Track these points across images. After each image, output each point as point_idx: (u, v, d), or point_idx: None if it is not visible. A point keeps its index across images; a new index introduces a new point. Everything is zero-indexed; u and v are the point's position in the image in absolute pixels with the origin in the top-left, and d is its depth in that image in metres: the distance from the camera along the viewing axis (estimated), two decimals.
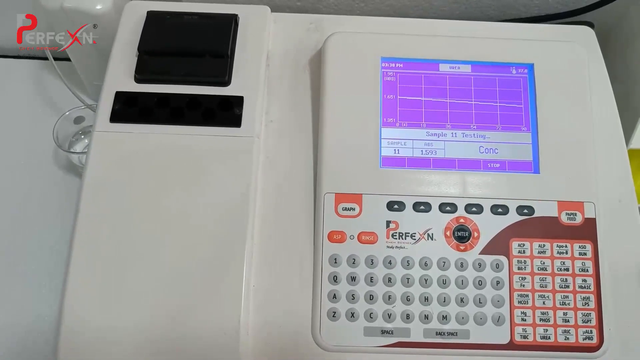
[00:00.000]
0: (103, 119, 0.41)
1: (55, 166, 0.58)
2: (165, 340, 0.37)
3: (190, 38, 0.44)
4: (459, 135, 0.42)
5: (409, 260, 0.40)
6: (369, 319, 0.39)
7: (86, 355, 0.36)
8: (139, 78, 0.43)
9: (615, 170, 0.43)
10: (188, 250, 0.38)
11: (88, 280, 0.37)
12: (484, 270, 0.40)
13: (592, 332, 0.39)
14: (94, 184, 0.40)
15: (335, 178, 0.41)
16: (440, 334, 0.39)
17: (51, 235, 0.54)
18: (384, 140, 0.42)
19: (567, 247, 0.40)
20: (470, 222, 0.40)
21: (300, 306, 0.39)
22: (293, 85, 0.46)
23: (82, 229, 0.38)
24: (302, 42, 0.47)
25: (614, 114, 0.45)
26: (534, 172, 0.42)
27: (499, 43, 0.45)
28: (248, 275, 0.38)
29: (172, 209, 0.39)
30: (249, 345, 0.38)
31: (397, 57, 0.44)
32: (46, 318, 0.51)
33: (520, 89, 0.43)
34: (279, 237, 0.41)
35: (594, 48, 0.47)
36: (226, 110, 0.42)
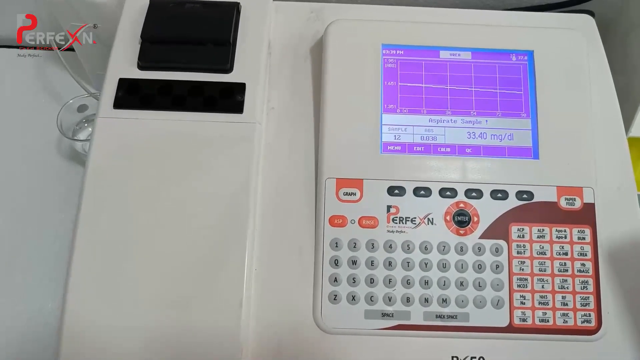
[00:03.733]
0: (106, 106, 0.42)
1: (59, 155, 0.58)
2: (167, 325, 0.37)
3: (193, 26, 0.44)
4: (459, 121, 0.43)
5: (409, 245, 0.40)
6: (370, 302, 0.39)
7: (90, 343, 0.37)
8: (141, 65, 0.43)
9: (615, 157, 0.44)
10: (191, 235, 0.38)
11: (91, 269, 0.38)
12: (484, 255, 0.40)
13: (590, 316, 0.39)
14: (98, 169, 0.40)
15: (336, 163, 0.41)
16: (440, 316, 0.39)
17: (54, 223, 0.54)
18: (385, 126, 0.42)
19: (566, 231, 0.41)
20: (470, 207, 0.41)
21: (302, 289, 0.40)
22: (294, 73, 0.46)
23: (86, 215, 0.39)
24: (303, 31, 0.47)
25: (614, 102, 0.45)
26: (533, 157, 0.42)
27: (499, 30, 0.45)
28: (250, 259, 0.38)
29: (175, 194, 0.39)
30: (251, 329, 0.38)
31: (398, 44, 0.44)
32: (49, 308, 0.51)
33: (520, 76, 0.44)
34: (281, 222, 0.41)
35: (594, 36, 0.47)
36: (228, 97, 0.42)
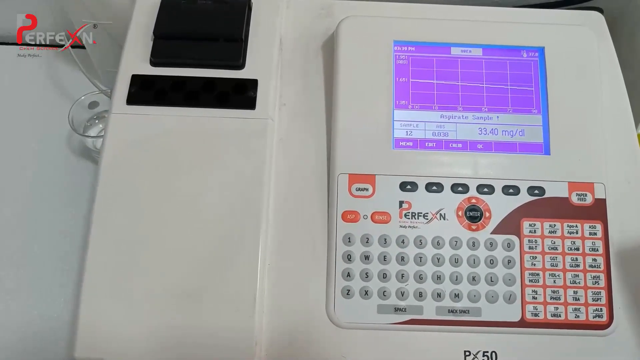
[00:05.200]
0: (119, 102, 0.42)
1: (70, 151, 0.59)
2: (180, 319, 0.37)
3: (205, 22, 0.44)
4: (471, 117, 0.43)
5: (421, 240, 0.40)
6: (383, 296, 0.39)
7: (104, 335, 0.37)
8: (154, 61, 0.43)
9: (625, 152, 0.44)
10: (203, 230, 0.39)
11: (105, 264, 0.38)
12: (496, 250, 0.40)
13: (602, 311, 0.40)
14: (111, 165, 0.40)
15: (348, 159, 0.41)
16: (453, 311, 0.39)
17: (64, 218, 0.55)
18: (397, 122, 0.43)
19: (578, 227, 0.41)
20: (481, 203, 0.41)
21: (315, 284, 0.40)
22: (305, 70, 0.46)
23: (100, 210, 0.39)
24: (314, 27, 0.47)
25: (624, 98, 0.46)
26: (544, 153, 0.42)
27: (509, 27, 0.45)
28: (263, 254, 0.39)
29: (188, 190, 0.40)
30: (264, 323, 0.38)
31: (410, 40, 0.44)
32: (60, 302, 0.51)
33: (531, 72, 0.44)
34: (294, 217, 0.41)
35: (603, 33, 0.47)
36: (241, 93, 0.42)
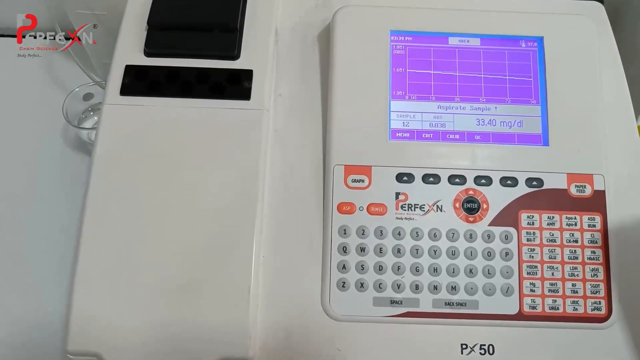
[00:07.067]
0: (113, 92, 0.41)
1: (65, 143, 0.58)
2: (175, 312, 0.37)
3: (200, 12, 0.43)
4: (468, 108, 0.42)
5: (418, 232, 0.40)
6: (378, 289, 0.39)
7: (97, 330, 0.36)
8: (148, 52, 0.42)
9: (625, 144, 0.43)
10: (198, 222, 0.38)
11: (98, 257, 0.37)
12: (493, 242, 0.40)
13: (600, 303, 0.39)
14: (104, 156, 0.40)
15: (344, 150, 0.41)
16: (449, 304, 0.39)
17: (60, 211, 0.54)
18: (393, 113, 0.42)
19: (577, 219, 0.40)
20: (479, 194, 0.40)
21: (310, 276, 0.39)
22: (301, 60, 0.46)
23: (93, 202, 0.38)
24: (310, 18, 0.47)
25: (624, 89, 0.45)
26: (543, 144, 0.42)
27: (508, 16, 0.45)
28: (258, 246, 0.38)
29: (182, 181, 0.39)
30: (259, 315, 0.38)
31: (406, 30, 0.44)
32: (55, 296, 0.51)
33: (530, 62, 0.43)
34: (289, 209, 0.41)
35: (604, 23, 0.47)
36: (236, 84, 0.42)
